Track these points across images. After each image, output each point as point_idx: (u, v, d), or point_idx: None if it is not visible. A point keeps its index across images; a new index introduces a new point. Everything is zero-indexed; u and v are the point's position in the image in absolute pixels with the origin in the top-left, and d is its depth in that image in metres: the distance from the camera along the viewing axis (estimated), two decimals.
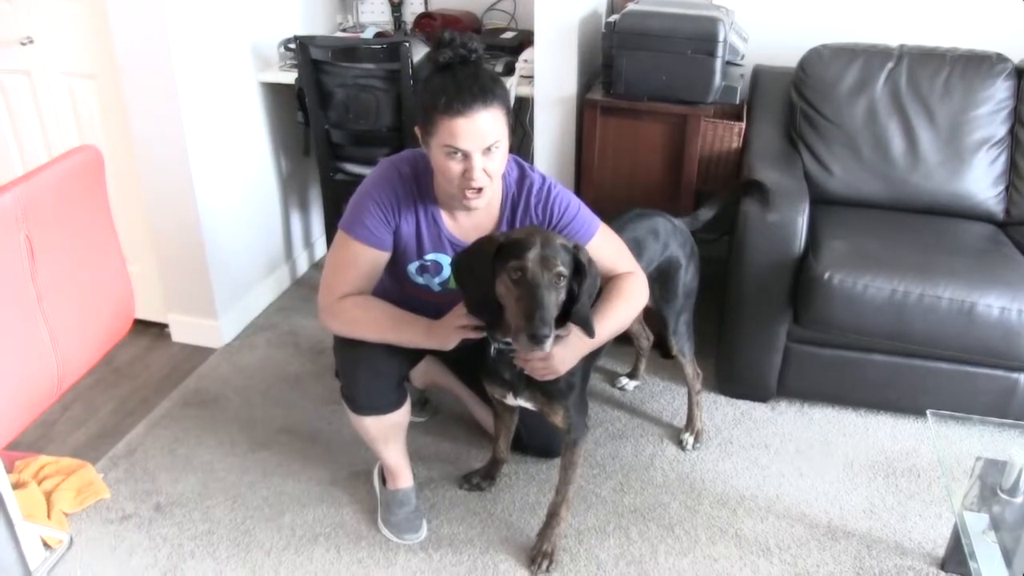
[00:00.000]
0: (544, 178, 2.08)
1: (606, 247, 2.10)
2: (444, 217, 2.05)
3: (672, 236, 2.43)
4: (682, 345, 2.54)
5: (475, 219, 2.06)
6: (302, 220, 3.72)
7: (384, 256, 2.04)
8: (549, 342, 1.78)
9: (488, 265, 1.84)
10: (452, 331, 1.97)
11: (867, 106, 2.92)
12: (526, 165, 2.09)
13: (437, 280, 2.12)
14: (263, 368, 3.05)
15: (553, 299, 1.82)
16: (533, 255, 1.80)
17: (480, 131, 1.83)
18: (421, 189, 2.02)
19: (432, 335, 1.99)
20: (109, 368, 3.05)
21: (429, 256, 2.08)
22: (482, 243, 1.90)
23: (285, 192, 3.54)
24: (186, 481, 2.52)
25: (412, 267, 2.10)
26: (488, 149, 1.86)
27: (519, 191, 2.06)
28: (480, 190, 1.90)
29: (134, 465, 2.58)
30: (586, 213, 2.09)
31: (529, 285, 1.80)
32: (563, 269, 1.82)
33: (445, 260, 2.09)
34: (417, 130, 1.93)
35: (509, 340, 1.92)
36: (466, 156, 1.85)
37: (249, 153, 3.25)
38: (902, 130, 2.90)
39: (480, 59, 1.89)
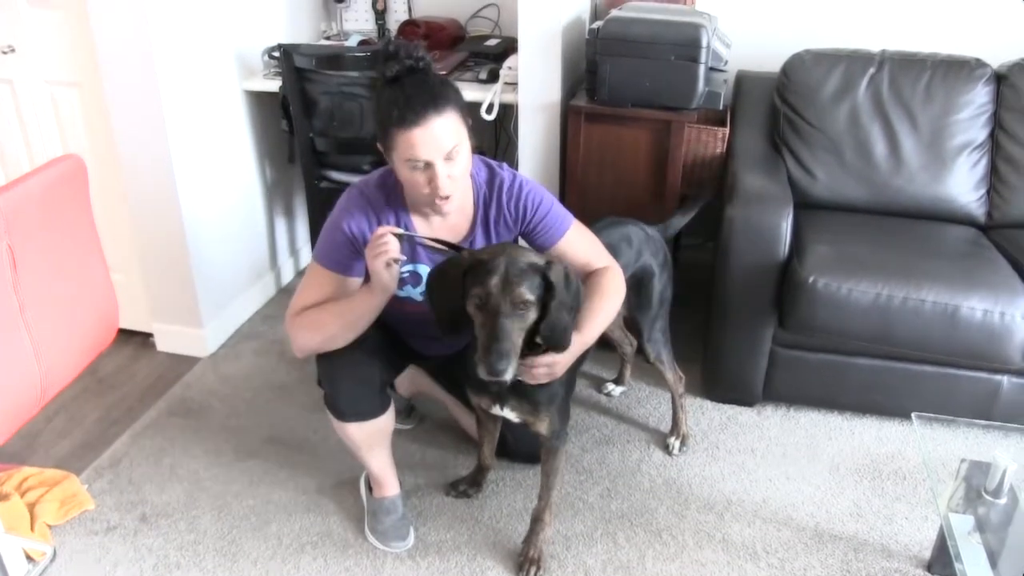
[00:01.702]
0: (514, 175, 2.07)
1: (580, 242, 2.10)
2: (417, 224, 2.05)
3: (645, 245, 2.43)
4: (659, 352, 2.54)
5: (449, 223, 2.06)
6: (287, 228, 3.71)
7: (352, 281, 2.03)
8: (508, 374, 1.77)
9: (458, 287, 1.84)
10: (377, 266, 1.88)
11: (850, 111, 2.92)
12: (494, 164, 2.09)
13: (418, 291, 2.13)
14: (249, 377, 3.03)
15: (515, 327, 1.79)
16: (495, 282, 1.77)
17: (437, 138, 1.83)
18: (391, 203, 2.02)
19: (373, 287, 1.93)
20: (93, 378, 3.03)
21: (406, 268, 2.08)
22: (451, 265, 1.87)
23: (270, 200, 3.52)
24: (172, 491, 2.50)
25: None
26: (449, 155, 1.85)
27: (490, 190, 2.06)
28: (448, 196, 1.90)
29: (119, 475, 2.56)
30: (559, 209, 2.09)
31: (489, 313, 1.78)
32: (528, 295, 1.79)
33: (424, 270, 2.09)
34: (379, 146, 1.93)
35: None
36: (428, 166, 1.85)
37: (234, 161, 3.24)
38: (884, 134, 2.90)
39: (428, 66, 1.88)
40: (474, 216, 2.08)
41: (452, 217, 2.05)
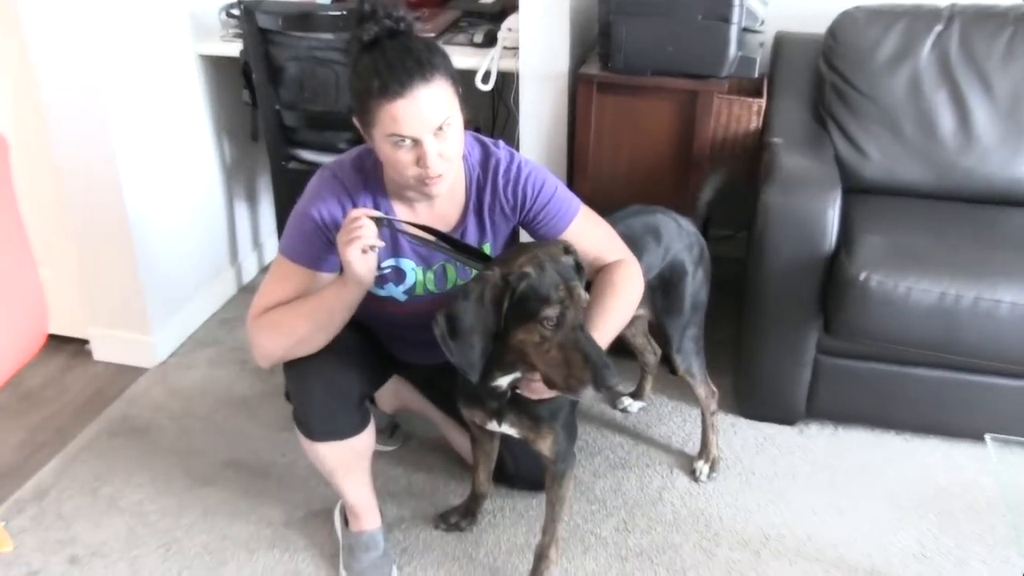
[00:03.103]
0: (512, 155, 2.09)
1: (590, 232, 2.10)
2: (399, 212, 2.04)
3: (676, 237, 2.41)
4: (689, 364, 2.52)
5: (438, 210, 2.06)
6: (250, 216, 3.70)
7: (323, 277, 2.04)
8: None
9: (498, 315, 1.82)
10: (350, 254, 1.85)
11: (910, 77, 2.86)
12: (489, 142, 2.11)
13: (401, 289, 2.12)
14: (204, 390, 3.02)
15: None
16: (562, 294, 1.80)
17: (425, 111, 1.82)
18: (369, 187, 2.02)
19: (346, 279, 1.91)
20: (15, 393, 3.02)
21: (387, 263, 2.07)
22: (486, 288, 1.83)
23: (229, 184, 3.51)
24: (110, 526, 2.46)
25: None
26: (440, 129, 1.85)
27: (484, 173, 2.07)
28: (439, 176, 1.89)
29: (45, 510, 2.53)
30: (564, 194, 2.10)
31: (568, 330, 1.80)
32: (586, 295, 1.85)
33: (409, 265, 2.09)
34: (355, 121, 1.93)
35: (516, 376, 1.95)
36: (416, 143, 1.85)
37: (186, 138, 3.22)
38: (952, 104, 2.84)
39: (411, 28, 1.88)
40: (465, 202, 2.08)
41: (440, 204, 2.05)
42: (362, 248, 1.84)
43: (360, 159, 2.03)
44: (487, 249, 2.08)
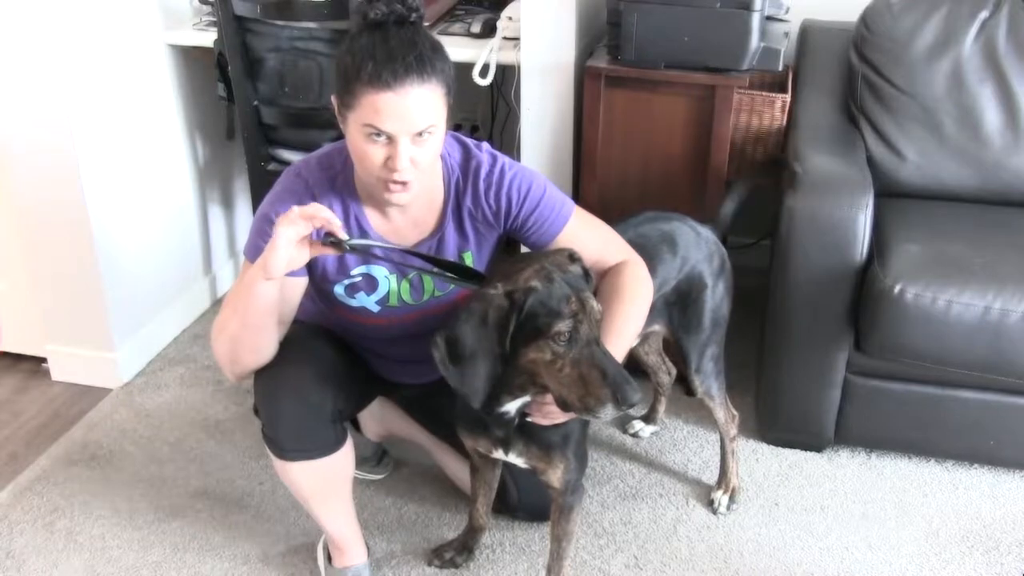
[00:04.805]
0: (495, 158, 2.10)
1: (586, 235, 2.11)
2: (371, 217, 2.05)
3: (694, 247, 2.41)
4: (708, 385, 2.51)
5: (413, 214, 2.06)
6: (225, 222, 3.70)
7: (292, 282, 2.01)
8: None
9: (503, 335, 1.82)
10: (280, 237, 1.80)
11: (952, 70, 2.84)
12: (471, 143, 2.12)
13: (374, 299, 2.11)
14: (174, 413, 3.00)
15: None
16: (575, 306, 1.81)
17: (411, 111, 1.83)
18: (337, 189, 2.03)
19: (267, 258, 1.83)
20: None
21: (357, 271, 2.08)
22: (489, 307, 1.83)
23: (203, 186, 3.51)
24: (68, 565, 2.43)
25: (339, 288, 2.10)
26: (419, 135, 1.86)
27: (464, 176, 2.08)
28: (404, 184, 1.89)
29: None
30: (554, 195, 2.11)
31: (584, 344, 1.81)
32: (599, 306, 1.87)
33: (381, 272, 2.09)
34: (334, 100, 1.94)
35: (525, 400, 1.95)
36: (390, 140, 1.85)
37: (155, 136, 3.21)
38: (999, 100, 2.81)
39: (421, 20, 1.90)
40: (443, 206, 2.08)
41: (415, 208, 2.05)
42: (301, 238, 1.80)
43: (329, 157, 2.04)
44: (468, 258, 2.09)
